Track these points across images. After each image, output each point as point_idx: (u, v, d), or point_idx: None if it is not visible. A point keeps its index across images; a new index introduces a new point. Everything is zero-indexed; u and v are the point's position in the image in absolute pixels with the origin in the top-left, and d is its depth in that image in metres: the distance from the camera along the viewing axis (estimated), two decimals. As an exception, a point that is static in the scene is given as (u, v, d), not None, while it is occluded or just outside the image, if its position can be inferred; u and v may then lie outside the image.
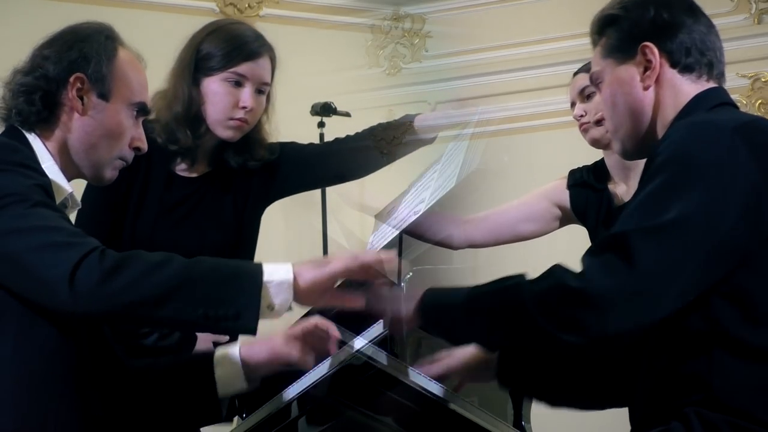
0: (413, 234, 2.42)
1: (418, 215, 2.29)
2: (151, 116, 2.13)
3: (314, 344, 1.79)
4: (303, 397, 1.84)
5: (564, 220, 2.71)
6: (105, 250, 1.58)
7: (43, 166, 1.74)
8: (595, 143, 2.60)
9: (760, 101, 4.60)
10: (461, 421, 1.84)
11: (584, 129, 2.61)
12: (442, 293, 1.75)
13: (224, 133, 2.36)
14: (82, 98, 1.77)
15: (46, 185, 1.67)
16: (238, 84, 2.34)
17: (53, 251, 1.55)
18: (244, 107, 2.33)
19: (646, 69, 1.75)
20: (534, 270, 1.63)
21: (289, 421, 1.88)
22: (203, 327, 1.68)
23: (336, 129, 4.30)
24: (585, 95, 2.60)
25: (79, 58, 1.78)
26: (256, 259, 4.40)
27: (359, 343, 1.76)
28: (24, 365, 1.61)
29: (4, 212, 1.58)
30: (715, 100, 1.74)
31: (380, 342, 1.82)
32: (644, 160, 2.43)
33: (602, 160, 2.66)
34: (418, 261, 2.42)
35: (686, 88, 1.75)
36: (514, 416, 2.67)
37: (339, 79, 4.79)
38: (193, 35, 2.40)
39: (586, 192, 2.64)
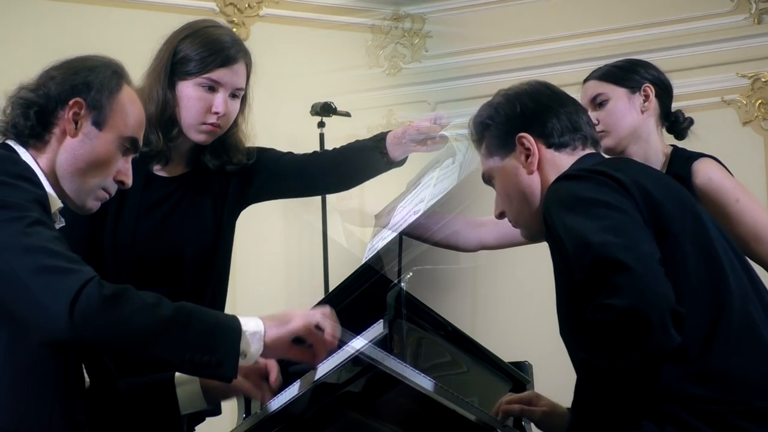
0: (425, 238, 2.42)
1: (418, 215, 2.29)
2: None
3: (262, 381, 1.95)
4: (303, 397, 1.84)
5: None
6: (101, 279, 1.60)
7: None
8: (609, 152, 2.57)
9: (760, 101, 4.60)
10: (461, 421, 1.84)
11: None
12: None
13: (197, 137, 2.38)
14: (76, 122, 1.80)
15: (43, 198, 1.69)
16: (211, 89, 2.35)
17: (54, 276, 1.57)
18: (216, 113, 2.35)
19: (527, 156, 1.94)
20: (534, 269, 1.64)
21: (290, 422, 1.89)
22: (185, 370, 1.74)
23: (336, 129, 4.32)
24: (597, 103, 2.56)
25: (81, 84, 1.82)
26: (256, 260, 4.43)
27: (359, 343, 1.76)
28: (17, 366, 1.64)
29: (4, 228, 1.60)
30: (588, 164, 1.90)
31: (380, 342, 1.82)
32: (658, 152, 2.52)
33: None
34: (418, 261, 2.41)
35: (565, 161, 1.94)
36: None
37: (339, 79, 4.78)
38: (171, 36, 2.41)
39: None
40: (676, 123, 2.59)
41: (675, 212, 1.74)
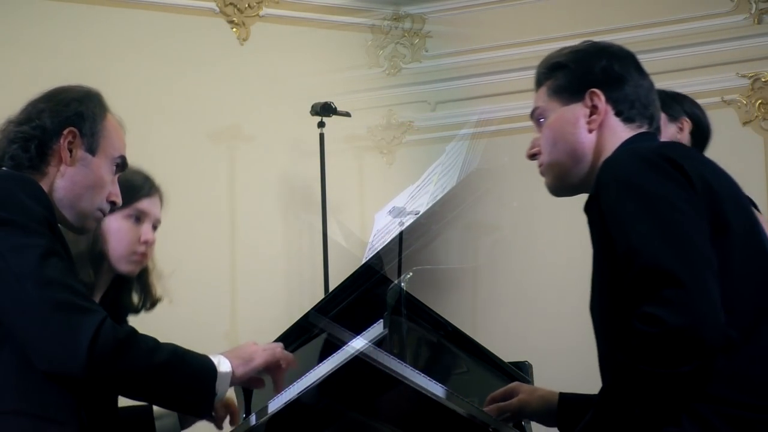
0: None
1: (418, 215, 2.30)
2: None
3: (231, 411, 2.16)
4: (303, 397, 1.85)
5: None
6: (112, 321, 1.69)
7: None
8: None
9: (760, 101, 4.60)
10: (461, 421, 1.84)
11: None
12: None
13: (126, 267, 2.40)
14: (71, 150, 1.88)
15: (52, 219, 1.77)
16: (138, 219, 2.41)
17: (73, 314, 1.65)
18: (146, 241, 2.40)
19: (591, 113, 1.87)
20: (534, 269, 1.63)
21: (290, 422, 1.89)
22: (171, 406, 1.95)
23: (336, 129, 4.32)
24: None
25: (74, 115, 1.90)
26: (256, 259, 4.42)
27: (359, 343, 1.77)
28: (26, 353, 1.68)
29: (20, 254, 1.66)
30: (643, 142, 1.84)
31: (380, 342, 1.83)
32: None
33: None
34: (418, 261, 2.42)
35: (625, 135, 1.86)
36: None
37: (339, 79, 4.79)
38: None
39: None
40: None
41: (733, 209, 1.70)
